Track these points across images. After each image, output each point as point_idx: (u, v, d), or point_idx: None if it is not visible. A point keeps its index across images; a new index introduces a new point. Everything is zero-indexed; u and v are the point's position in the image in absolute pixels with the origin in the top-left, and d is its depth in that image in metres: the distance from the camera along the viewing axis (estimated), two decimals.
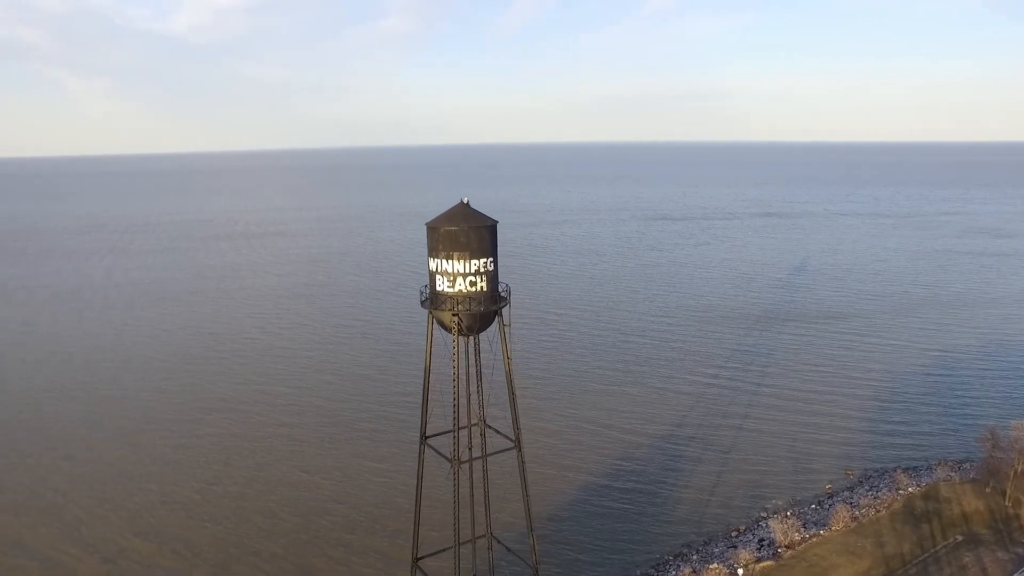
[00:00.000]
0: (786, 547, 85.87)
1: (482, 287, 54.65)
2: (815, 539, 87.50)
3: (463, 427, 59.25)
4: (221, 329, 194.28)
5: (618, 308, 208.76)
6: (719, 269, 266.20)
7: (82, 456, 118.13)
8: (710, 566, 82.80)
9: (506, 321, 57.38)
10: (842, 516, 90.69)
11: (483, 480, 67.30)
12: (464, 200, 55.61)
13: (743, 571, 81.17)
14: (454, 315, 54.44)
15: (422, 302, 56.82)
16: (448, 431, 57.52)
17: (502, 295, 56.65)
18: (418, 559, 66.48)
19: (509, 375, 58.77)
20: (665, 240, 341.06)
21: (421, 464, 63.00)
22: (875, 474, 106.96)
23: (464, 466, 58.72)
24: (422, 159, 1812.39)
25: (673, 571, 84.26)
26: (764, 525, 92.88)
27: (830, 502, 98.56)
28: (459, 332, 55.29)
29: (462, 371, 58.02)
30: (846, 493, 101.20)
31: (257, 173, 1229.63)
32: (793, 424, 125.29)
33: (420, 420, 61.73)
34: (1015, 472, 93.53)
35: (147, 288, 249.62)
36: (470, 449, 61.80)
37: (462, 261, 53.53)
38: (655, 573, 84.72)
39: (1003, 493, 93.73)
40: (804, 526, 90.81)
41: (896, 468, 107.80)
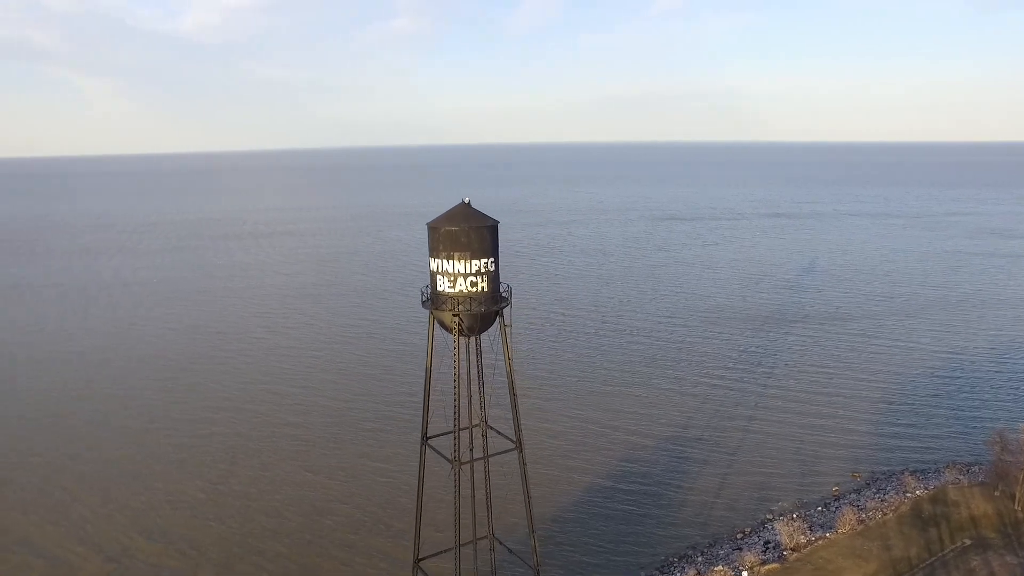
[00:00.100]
0: (792, 550, 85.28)
1: (483, 287, 54.44)
2: (821, 542, 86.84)
3: (464, 428, 59.07)
4: (228, 328, 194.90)
5: (625, 308, 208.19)
6: (727, 270, 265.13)
7: (88, 455, 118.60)
8: (715, 568, 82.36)
9: (507, 321, 57.15)
10: (848, 519, 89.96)
11: (485, 481, 67.11)
12: (465, 200, 55.43)
13: (747, 573, 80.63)
14: (455, 315, 54.26)
15: (423, 302, 56.68)
16: (449, 432, 57.34)
17: (503, 295, 56.44)
18: (419, 560, 66.34)
19: (510, 376, 58.53)
20: (673, 240, 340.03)
21: (422, 465, 62.89)
22: (882, 476, 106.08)
23: (466, 467, 58.51)
24: (426, 159, 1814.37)
25: (678, 573, 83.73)
26: (770, 527, 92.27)
27: (836, 504, 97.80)
28: (460, 332, 55.11)
29: (464, 372, 57.85)
30: (853, 496, 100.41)
31: (260, 173, 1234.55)
32: (800, 426, 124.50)
33: (421, 420, 61.65)
34: None
35: (154, 287, 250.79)
36: (471, 450, 61.58)
37: (463, 261, 53.36)
38: (659, 575, 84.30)
39: (1012, 497, 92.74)
40: (810, 528, 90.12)
41: (903, 471, 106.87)
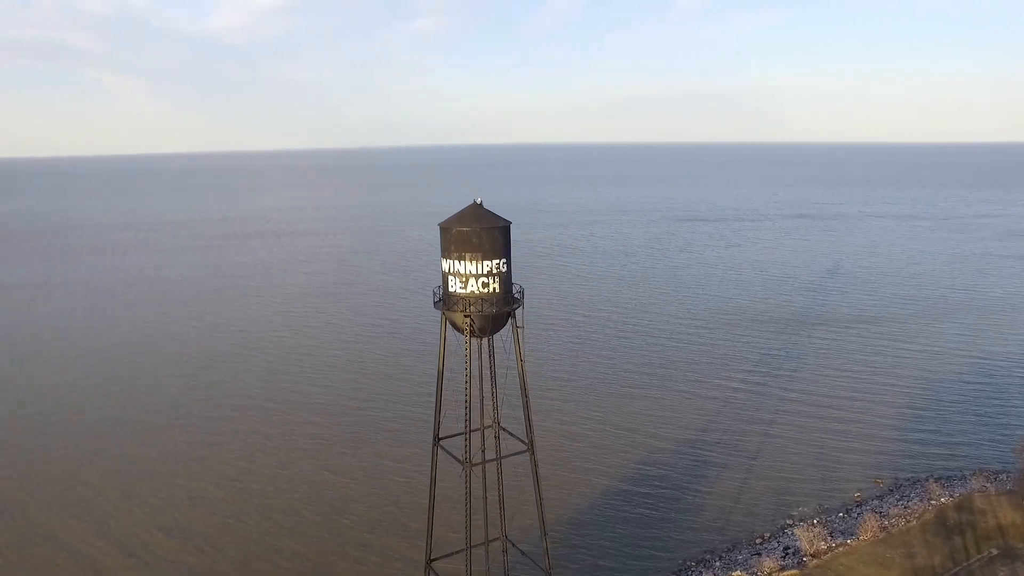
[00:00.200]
0: (812, 556, 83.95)
1: (495, 288, 54.13)
2: (842, 548, 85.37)
3: (476, 429, 58.82)
4: (250, 327, 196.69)
5: (646, 310, 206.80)
6: (749, 271, 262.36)
7: (111, 451, 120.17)
8: (733, 573, 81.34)
9: (520, 323, 56.81)
10: (871, 525, 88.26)
11: (497, 483, 66.82)
12: (477, 200, 55.16)
13: None
14: (466, 316, 54.02)
15: (435, 303, 56.56)
16: (461, 433, 57.16)
17: (516, 296, 56.09)
18: (431, 561, 66.26)
19: (522, 377, 58.18)
20: (695, 241, 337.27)
21: (434, 466, 62.80)
22: (906, 483, 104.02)
23: (478, 468, 58.27)
24: (451, 158, 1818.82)
25: None
26: (789, 533, 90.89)
27: (858, 511, 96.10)
28: (471, 333, 54.87)
29: (476, 373, 57.61)
30: (875, 502, 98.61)
31: (283, 172, 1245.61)
32: (822, 430, 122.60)
33: (433, 421, 61.52)
34: None
35: (179, 284, 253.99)
36: (483, 451, 61.31)
37: (474, 262, 53.10)
38: None
39: None
40: (831, 535, 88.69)
41: (928, 477, 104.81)
